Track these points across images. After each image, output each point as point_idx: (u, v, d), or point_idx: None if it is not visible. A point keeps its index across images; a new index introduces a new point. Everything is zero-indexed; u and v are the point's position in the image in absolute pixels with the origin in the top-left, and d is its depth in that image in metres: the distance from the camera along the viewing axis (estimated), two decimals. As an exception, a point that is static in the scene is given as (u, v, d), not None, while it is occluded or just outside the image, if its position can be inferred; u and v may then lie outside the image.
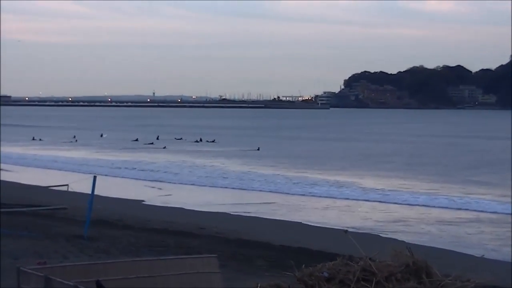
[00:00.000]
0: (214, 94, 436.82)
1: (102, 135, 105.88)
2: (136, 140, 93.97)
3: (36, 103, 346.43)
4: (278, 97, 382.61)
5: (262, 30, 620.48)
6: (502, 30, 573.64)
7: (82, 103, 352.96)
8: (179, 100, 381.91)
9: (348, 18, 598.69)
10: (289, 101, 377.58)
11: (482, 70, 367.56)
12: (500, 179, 50.17)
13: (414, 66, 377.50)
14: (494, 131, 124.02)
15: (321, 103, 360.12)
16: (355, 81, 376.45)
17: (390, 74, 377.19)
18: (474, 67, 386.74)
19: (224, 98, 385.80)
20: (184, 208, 35.56)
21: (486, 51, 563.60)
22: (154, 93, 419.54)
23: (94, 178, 24.42)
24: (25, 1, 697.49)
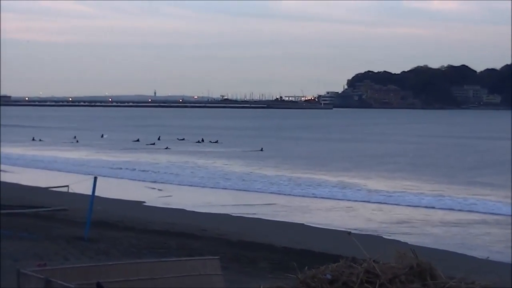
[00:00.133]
0: (216, 94, 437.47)
1: (102, 136, 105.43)
2: (137, 140, 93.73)
3: (36, 103, 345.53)
4: (281, 97, 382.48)
5: (264, 30, 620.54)
6: (507, 30, 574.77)
7: (82, 103, 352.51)
8: (181, 100, 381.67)
9: (351, 17, 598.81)
10: (291, 101, 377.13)
11: (487, 70, 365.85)
12: (505, 180, 49.79)
13: (418, 66, 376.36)
14: (499, 132, 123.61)
15: (324, 103, 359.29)
16: (359, 81, 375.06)
17: (394, 74, 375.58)
18: (478, 67, 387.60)
19: (226, 98, 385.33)
20: (185, 209, 35.32)
21: (490, 51, 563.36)
22: (155, 93, 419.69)
23: (95, 179, 24.22)
24: (25, 0, 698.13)
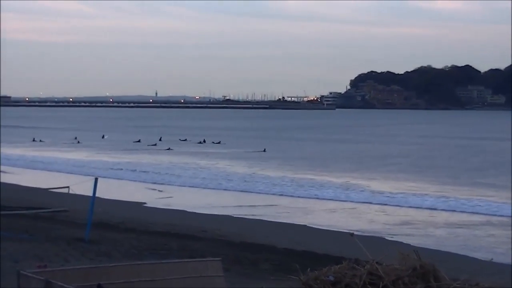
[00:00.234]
0: (218, 94, 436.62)
1: (103, 136, 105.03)
2: (138, 141, 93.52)
3: (36, 104, 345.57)
4: (283, 97, 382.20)
5: (266, 30, 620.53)
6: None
7: (83, 104, 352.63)
8: (182, 100, 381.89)
9: (354, 17, 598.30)
10: (294, 101, 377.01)
11: (491, 70, 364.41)
12: (509, 181, 49.49)
13: (421, 66, 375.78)
14: (503, 132, 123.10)
15: (326, 104, 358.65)
16: (362, 81, 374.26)
17: (397, 74, 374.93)
18: (483, 67, 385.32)
19: (228, 98, 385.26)
20: (187, 210, 35.16)
21: (495, 51, 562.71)
22: (156, 93, 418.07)
23: (96, 180, 24.06)
24: (25, 0, 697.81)
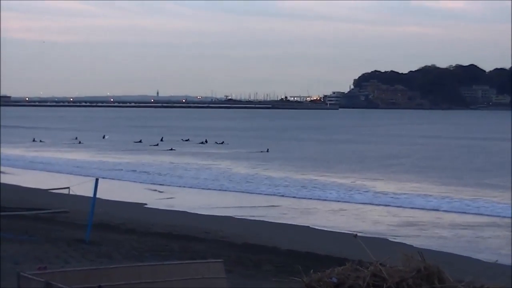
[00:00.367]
0: (220, 94, 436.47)
1: (104, 137, 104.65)
2: (139, 141, 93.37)
3: (36, 104, 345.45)
4: (286, 97, 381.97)
5: (269, 29, 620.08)
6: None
7: (83, 104, 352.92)
8: (184, 100, 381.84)
9: (358, 16, 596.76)
10: (297, 101, 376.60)
11: (496, 69, 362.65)
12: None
13: (426, 66, 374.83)
14: (508, 133, 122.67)
15: (330, 104, 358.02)
16: (365, 80, 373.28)
17: (401, 73, 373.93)
18: (487, 66, 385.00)
19: (230, 98, 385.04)
20: (188, 211, 34.94)
21: (500, 50, 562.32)
22: (158, 93, 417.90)
23: (96, 180, 23.83)
24: (25, 0, 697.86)
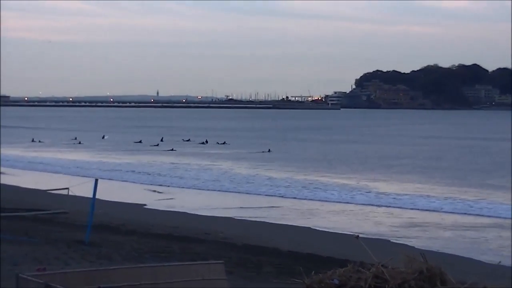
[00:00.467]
0: (220, 94, 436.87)
1: (104, 137, 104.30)
2: (139, 142, 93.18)
3: (35, 104, 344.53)
4: (287, 97, 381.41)
5: (269, 28, 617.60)
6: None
7: (83, 104, 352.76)
8: (184, 100, 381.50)
9: (359, 15, 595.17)
10: (298, 101, 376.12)
11: (499, 69, 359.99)
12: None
13: (428, 65, 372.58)
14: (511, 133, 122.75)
15: (331, 104, 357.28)
16: (367, 80, 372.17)
17: (403, 73, 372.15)
18: (490, 66, 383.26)
19: (230, 98, 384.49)
20: (188, 212, 34.83)
21: (503, 50, 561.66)
22: (158, 93, 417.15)
23: (96, 181, 23.69)
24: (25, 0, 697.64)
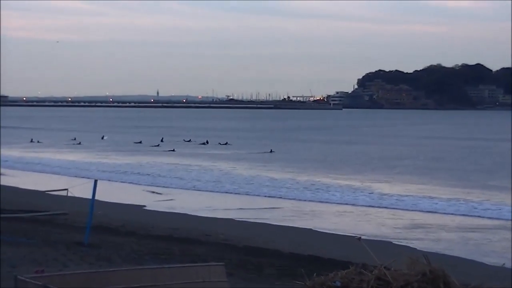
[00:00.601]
0: (221, 94, 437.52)
1: (103, 137, 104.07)
2: (139, 142, 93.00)
3: (34, 104, 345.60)
4: (288, 97, 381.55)
5: (271, 27, 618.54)
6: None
7: (82, 104, 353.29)
8: (184, 100, 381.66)
9: (362, 14, 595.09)
10: (299, 101, 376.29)
11: (503, 69, 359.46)
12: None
13: (431, 65, 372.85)
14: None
15: (333, 104, 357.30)
16: (369, 80, 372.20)
17: (406, 73, 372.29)
18: (494, 66, 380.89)
19: (231, 98, 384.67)
20: (189, 214, 34.61)
21: (506, 49, 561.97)
22: (158, 93, 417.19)
23: (95, 182, 23.49)
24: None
